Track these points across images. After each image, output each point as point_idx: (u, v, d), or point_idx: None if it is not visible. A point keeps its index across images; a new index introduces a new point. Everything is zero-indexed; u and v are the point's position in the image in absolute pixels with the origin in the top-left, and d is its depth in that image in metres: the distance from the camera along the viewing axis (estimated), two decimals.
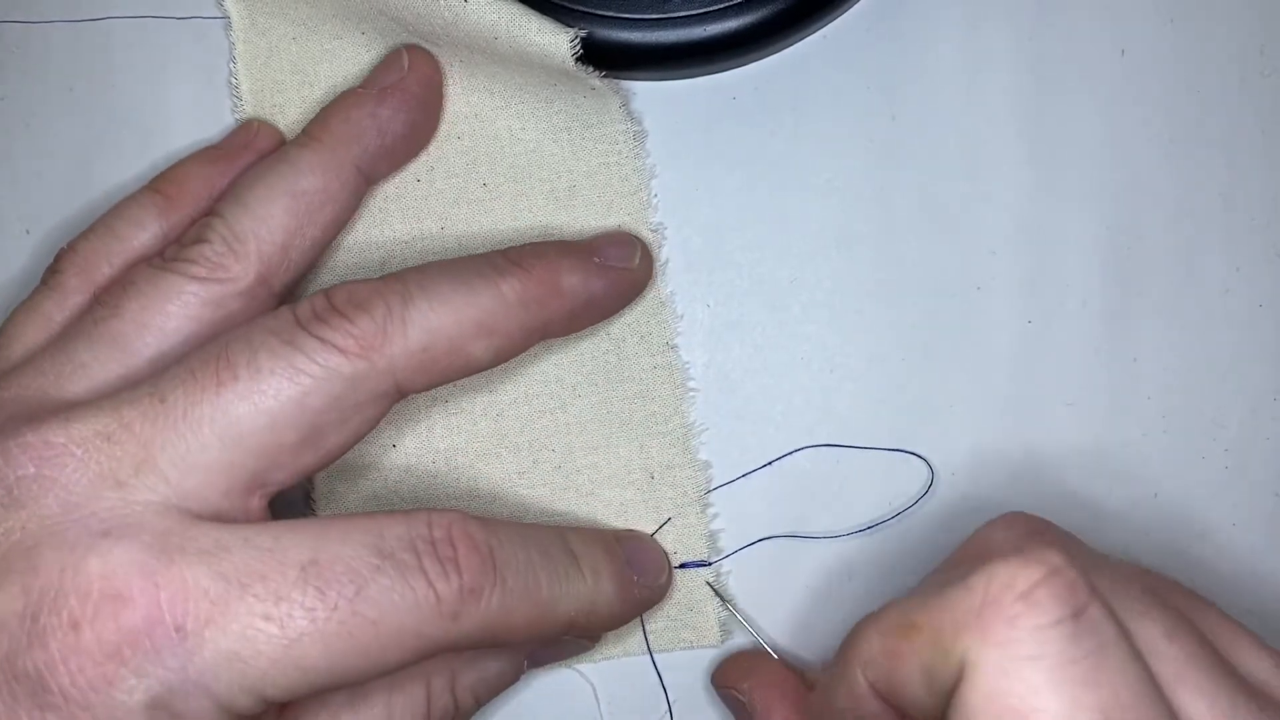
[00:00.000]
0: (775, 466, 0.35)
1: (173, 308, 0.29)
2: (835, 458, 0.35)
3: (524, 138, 0.34)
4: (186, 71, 0.36)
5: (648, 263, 0.34)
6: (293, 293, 0.33)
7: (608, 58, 0.33)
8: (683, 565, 0.34)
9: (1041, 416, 0.35)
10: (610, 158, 0.34)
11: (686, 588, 0.34)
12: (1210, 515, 0.35)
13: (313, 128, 0.32)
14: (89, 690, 0.24)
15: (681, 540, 0.34)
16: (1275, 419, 0.35)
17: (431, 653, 0.26)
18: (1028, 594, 0.21)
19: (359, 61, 0.34)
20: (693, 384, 0.35)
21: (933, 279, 0.35)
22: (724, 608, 0.34)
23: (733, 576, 0.34)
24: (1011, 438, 0.35)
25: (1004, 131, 0.35)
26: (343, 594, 0.25)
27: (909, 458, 0.35)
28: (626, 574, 0.31)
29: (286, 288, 0.31)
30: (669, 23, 0.33)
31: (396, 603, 0.25)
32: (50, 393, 0.28)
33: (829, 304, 0.35)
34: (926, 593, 0.23)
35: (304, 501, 0.34)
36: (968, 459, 0.34)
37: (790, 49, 0.35)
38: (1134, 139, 0.35)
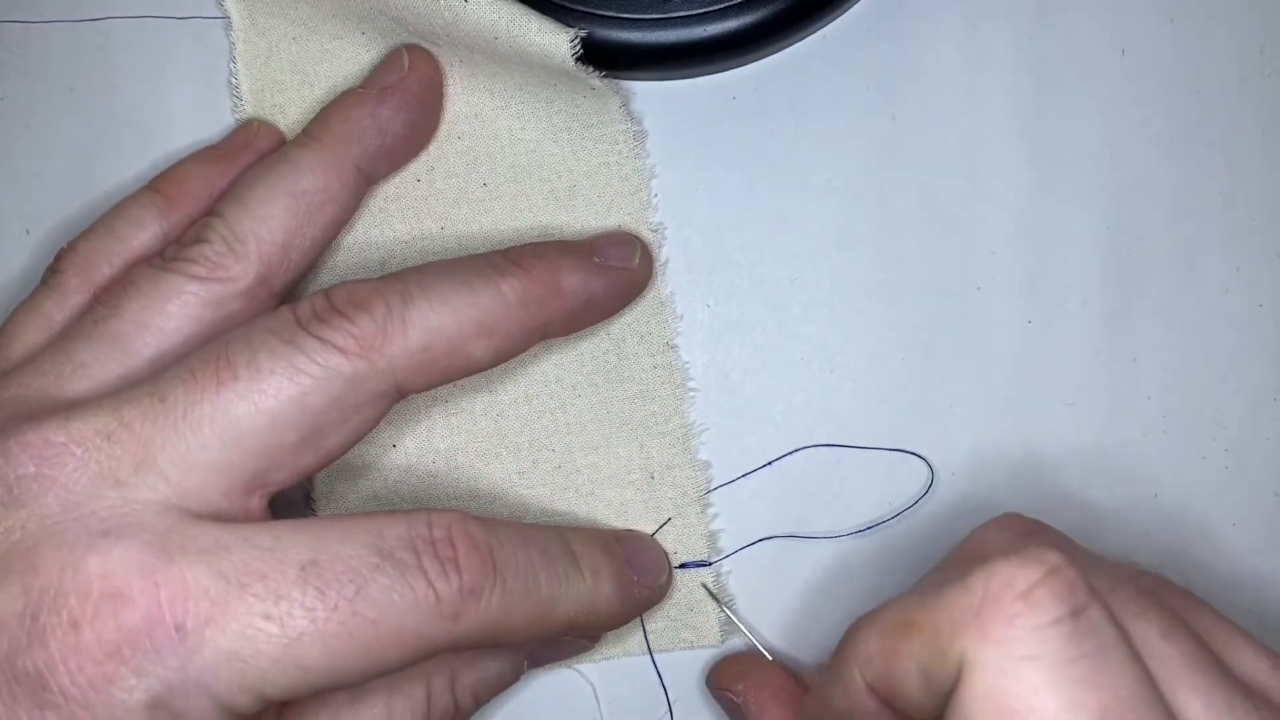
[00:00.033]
0: (775, 466, 0.35)
1: (173, 307, 0.29)
2: (835, 458, 0.35)
3: (524, 138, 0.34)
4: (186, 71, 0.36)
5: (648, 263, 0.34)
6: (293, 293, 0.33)
7: (608, 58, 0.33)
8: (683, 565, 0.34)
9: (1041, 416, 0.35)
10: (610, 158, 0.34)
11: (686, 588, 0.34)
12: (1210, 515, 0.35)
13: (313, 128, 0.32)
14: (89, 689, 0.24)
15: (681, 540, 0.34)
16: (1275, 419, 0.35)
17: (431, 653, 0.26)
18: (1027, 593, 0.21)
19: (359, 61, 0.34)
20: (693, 384, 0.35)
21: (933, 279, 0.35)
22: (720, 610, 0.34)
23: (732, 576, 0.34)
24: (1011, 438, 0.35)
25: (1004, 131, 0.35)
26: (343, 594, 0.25)
27: (909, 458, 0.34)
28: (626, 574, 0.31)
29: (286, 288, 0.31)
30: (669, 23, 0.33)
31: (396, 602, 0.25)
32: (50, 392, 0.28)
33: (829, 304, 0.35)
34: (924, 592, 0.23)
35: (304, 501, 0.34)
36: (968, 459, 0.34)
37: (790, 49, 0.35)
38: (1134, 139, 0.35)
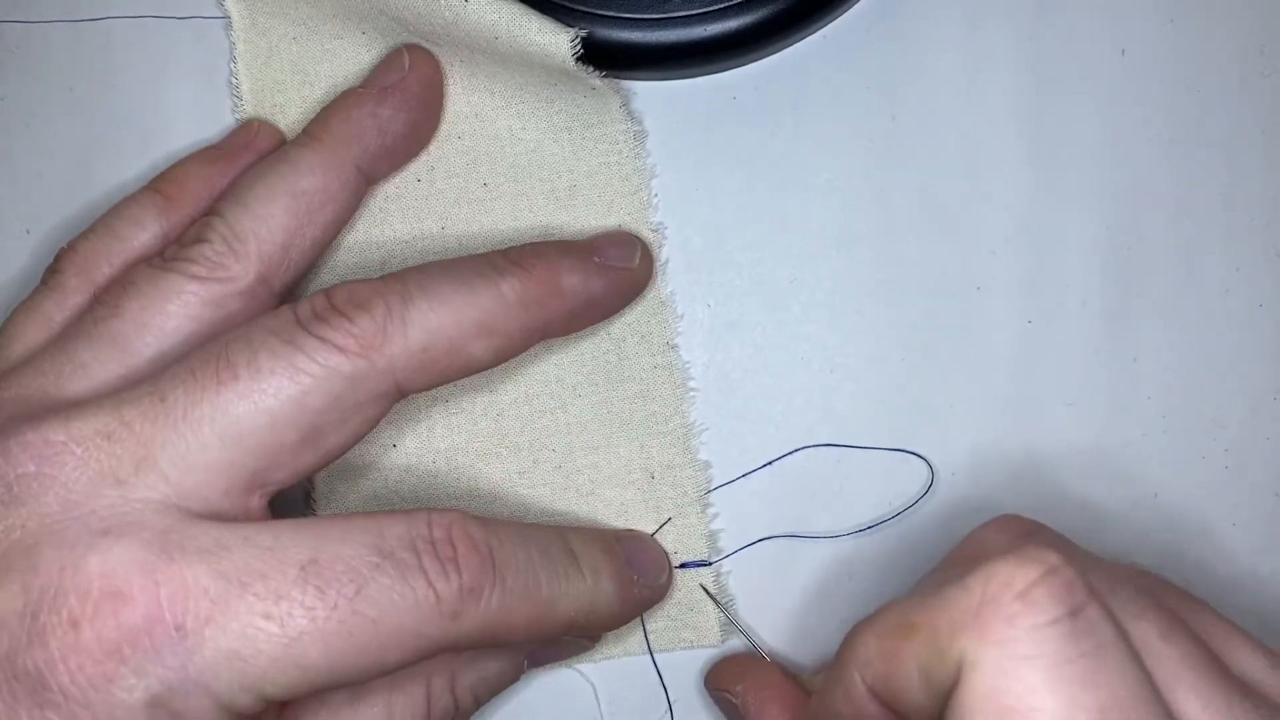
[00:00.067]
0: (775, 466, 0.35)
1: (173, 307, 0.29)
2: (835, 458, 0.35)
3: (524, 137, 0.34)
4: (186, 71, 0.36)
5: (648, 262, 0.34)
6: (293, 293, 0.33)
7: (608, 58, 0.33)
8: (683, 565, 0.34)
9: (1041, 416, 0.35)
10: (610, 157, 0.34)
11: (687, 588, 0.34)
12: (1210, 515, 0.35)
13: (313, 127, 0.32)
14: (89, 688, 0.24)
15: (681, 540, 0.34)
16: (1275, 419, 0.35)
17: (431, 652, 0.26)
18: (1025, 593, 0.21)
19: (359, 61, 0.34)
20: (693, 384, 0.35)
21: (933, 279, 0.35)
22: (719, 611, 0.34)
23: (732, 576, 0.34)
24: (1011, 438, 0.35)
25: (1004, 131, 0.35)
26: (343, 593, 0.25)
27: (909, 458, 0.34)
28: (626, 574, 0.31)
29: (287, 287, 0.31)
30: (669, 23, 0.33)
31: (396, 602, 0.25)
32: (50, 392, 0.28)
33: (829, 304, 0.35)
34: (923, 593, 0.23)
35: (304, 501, 0.34)
36: (968, 459, 0.34)
37: (790, 49, 0.35)
38: (1134, 139, 0.35)
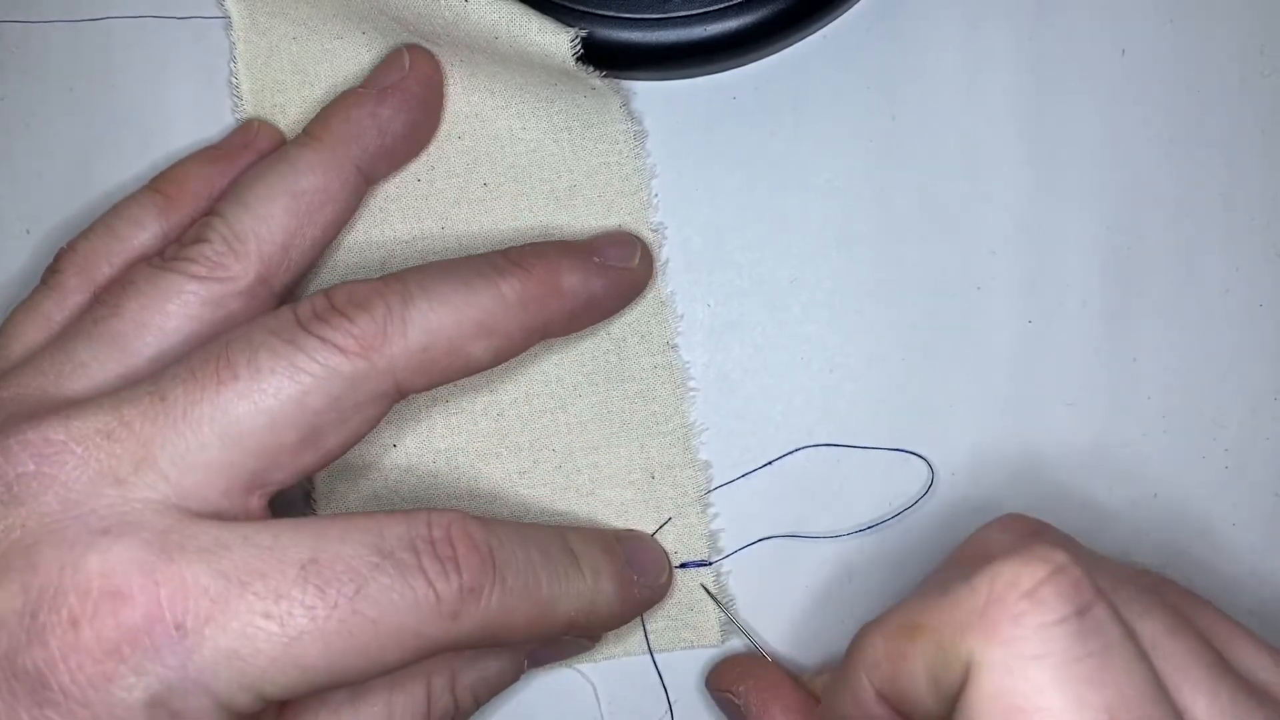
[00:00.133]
0: (775, 466, 0.35)
1: (173, 307, 0.29)
2: (835, 458, 0.35)
3: (524, 137, 0.34)
4: (186, 71, 0.36)
5: (648, 262, 0.34)
6: (293, 292, 0.33)
7: (608, 58, 0.33)
8: (683, 565, 0.34)
9: (1041, 416, 0.35)
10: (610, 157, 0.34)
11: (687, 588, 0.34)
12: (1210, 515, 0.35)
13: (313, 127, 0.32)
14: (88, 688, 0.24)
15: (681, 540, 0.34)
16: (1275, 419, 0.35)
17: (431, 652, 0.26)
18: (1032, 592, 0.21)
19: (359, 61, 0.34)
20: (693, 384, 0.35)
21: (933, 279, 0.35)
22: (719, 611, 0.34)
23: (733, 577, 0.34)
24: (1011, 438, 0.34)
25: (1004, 131, 0.35)
26: (342, 593, 0.25)
27: (909, 458, 0.34)
28: (626, 574, 0.31)
29: (287, 287, 0.31)
30: (669, 23, 0.33)
31: (396, 602, 0.25)
32: (50, 391, 0.28)
33: (829, 304, 0.35)
34: (928, 594, 0.23)
35: (304, 501, 0.34)
36: (968, 459, 0.34)
37: (790, 49, 0.35)
38: (1134, 139, 0.35)
